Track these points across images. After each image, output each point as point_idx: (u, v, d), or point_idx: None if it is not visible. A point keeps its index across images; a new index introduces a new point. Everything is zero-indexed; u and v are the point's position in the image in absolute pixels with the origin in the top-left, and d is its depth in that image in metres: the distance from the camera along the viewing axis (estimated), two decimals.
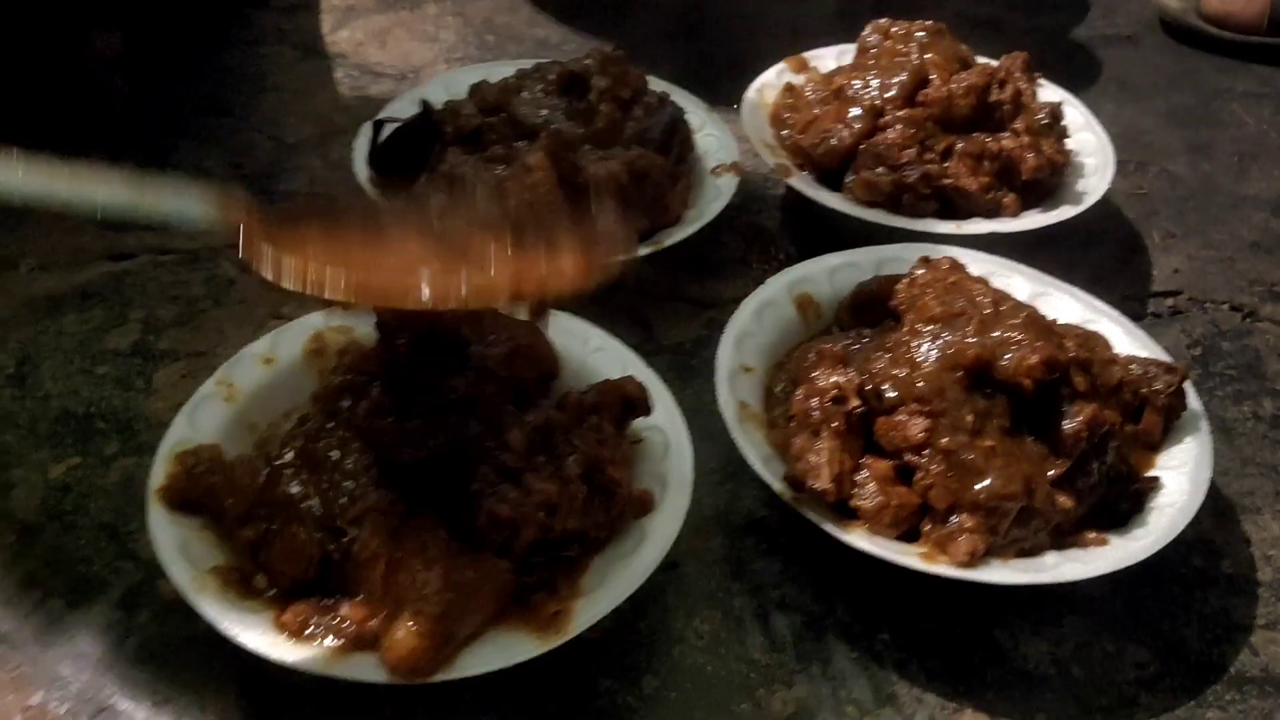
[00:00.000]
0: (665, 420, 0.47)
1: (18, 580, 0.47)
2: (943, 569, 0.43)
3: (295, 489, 0.42)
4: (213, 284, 0.61)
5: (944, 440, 0.45)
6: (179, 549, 0.41)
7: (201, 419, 0.46)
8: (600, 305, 0.57)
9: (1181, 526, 0.45)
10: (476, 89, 0.62)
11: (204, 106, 0.74)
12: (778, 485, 0.45)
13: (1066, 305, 0.54)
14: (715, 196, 0.61)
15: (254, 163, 0.70)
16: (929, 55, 0.64)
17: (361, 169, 0.60)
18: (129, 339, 0.58)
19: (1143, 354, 0.51)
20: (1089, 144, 0.66)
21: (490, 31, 0.84)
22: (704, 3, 0.90)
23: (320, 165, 0.70)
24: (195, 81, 0.76)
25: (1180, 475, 0.47)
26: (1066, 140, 0.65)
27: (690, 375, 0.54)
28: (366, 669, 0.39)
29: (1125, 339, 0.53)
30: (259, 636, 0.39)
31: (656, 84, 0.65)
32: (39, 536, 0.48)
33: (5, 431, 0.52)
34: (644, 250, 0.57)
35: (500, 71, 0.66)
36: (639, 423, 0.46)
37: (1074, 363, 0.46)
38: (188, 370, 0.56)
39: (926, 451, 0.45)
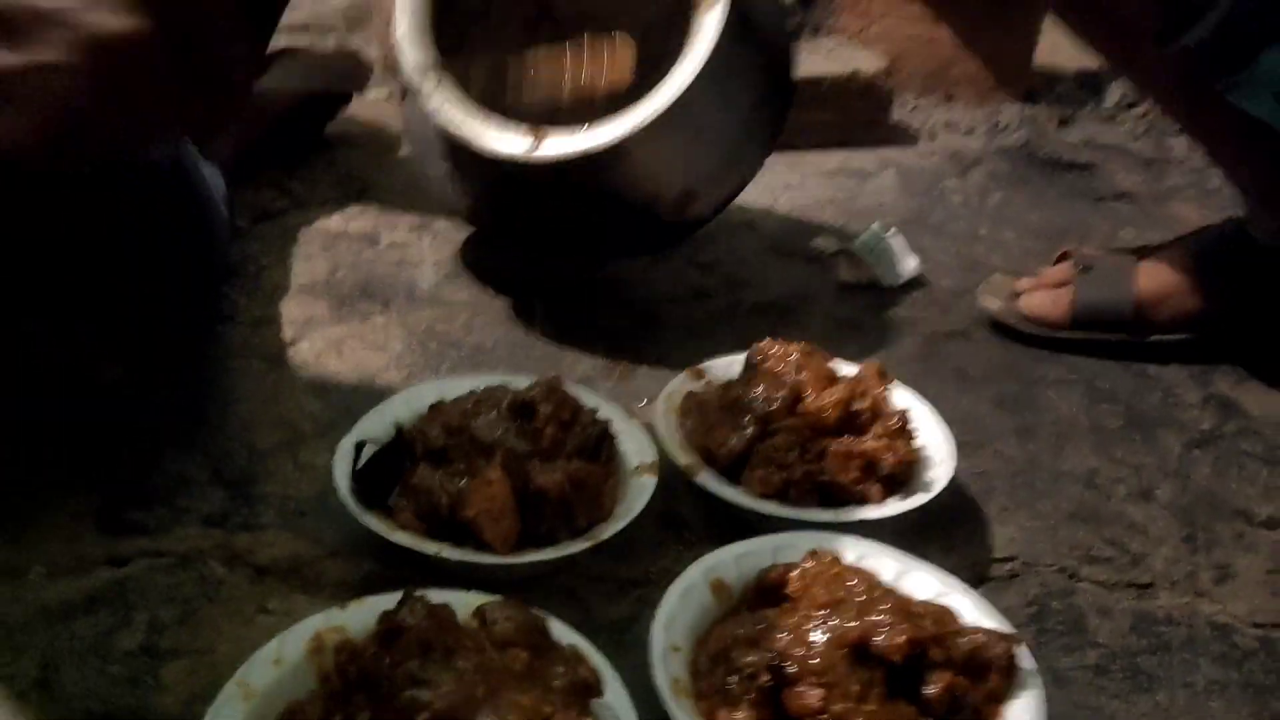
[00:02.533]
0: (615, 697, 0.58)
1: None
2: None
3: None
4: (204, 583, 0.71)
5: (836, 707, 0.56)
6: None
7: (225, 715, 0.55)
8: (545, 589, 0.68)
9: None
10: (437, 410, 0.74)
11: (182, 418, 0.85)
12: None
13: (924, 581, 0.67)
14: (639, 492, 0.74)
15: (231, 469, 0.80)
16: (803, 373, 0.79)
17: (343, 485, 0.71)
18: (136, 640, 0.66)
19: (986, 623, 0.64)
20: (935, 438, 0.82)
21: (432, 339, 0.98)
22: (609, 305, 1.06)
23: (291, 468, 0.81)
24: (174, 395, 0.87)
25: None
26: (916, 438, 0.80)
27: (625, 650, 0.64)
28: None
29: (972, 609, 0.66)
30: None
31: (587, 396, 0.79)
32: None
33: None
34: (584, 546, 0.69)
35: (454, 387, 0.79)
36: (595, 702, 0.57)
37: (931, 639, 0.59)
38: (192, 667, 0.64)
39: (824, 715, 0.57)
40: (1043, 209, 1.36)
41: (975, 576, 0.75)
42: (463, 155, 0.94)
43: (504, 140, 0.91)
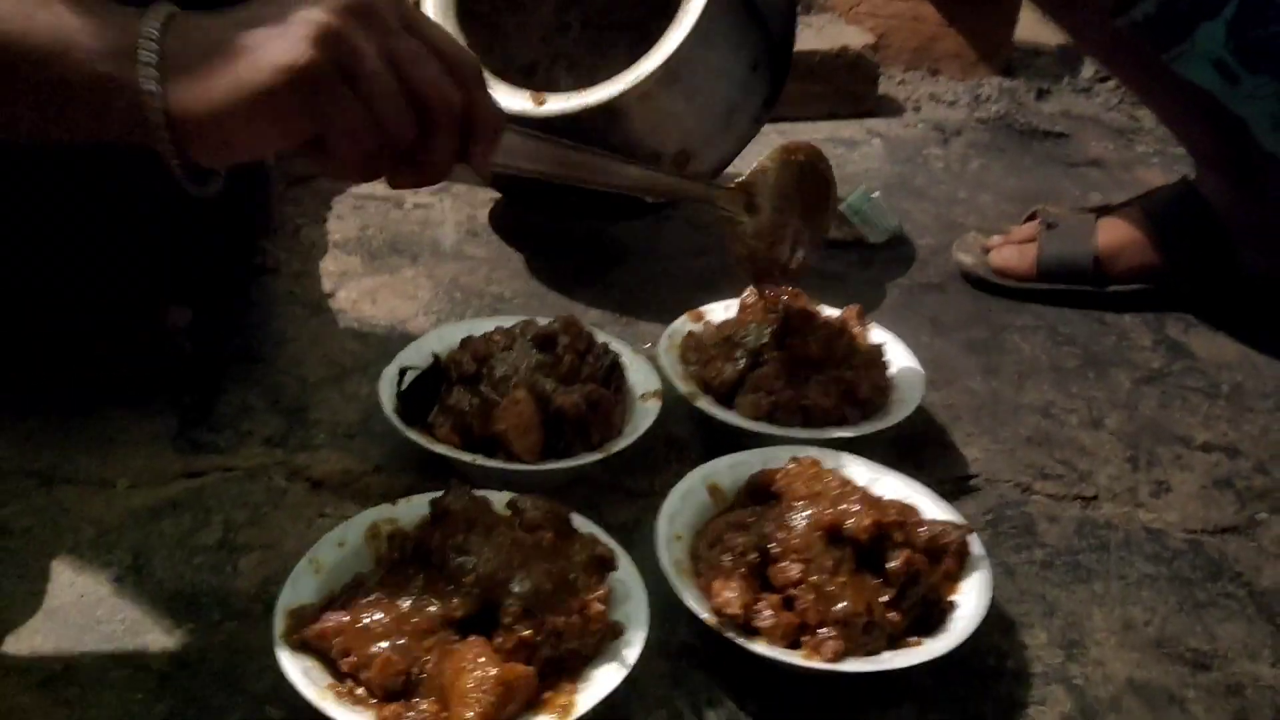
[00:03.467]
0: (626, 574, 0.68)
1: (159, 715, 0.65)
2: (818, 665, 0.65)
3: (377, 622, 0.62)
4: (269, 492, 0.81)
5: (813, 578, 0.67)
6: (303, 673, 0.60)
7: (300, 586, 0.66)
8: (564, 497, 0.78)
9: (970, 632, 0.68)
10: (468, 341, 0.85)
11: (240, 356, 0.95)
12: (705, 615, 0.67)
13: (893, 485, 0.78)
14: (645, 415, 0.84)
15: (287, 398, 0.91)
16: (790, 312, 0.90)
17: (388, 405, 0.82)
18: (214, 537, 0.76)
19: (943, 518, 0.75)
20: (907, 370, 0.92)
21: (456, 290, 1.08)
22: (617, 260, 1.16)
23: (338, 397, 0.91)
24: (231, 337, 0.97)
25: (971, 599, 0.71)
26: (891, 369, 0.91)
27: (632, 546, 0.74)
28: None
29: (933, 508, 0.76)
30: None
31: (599, 335, 0.89)
32: (171, 681, 0.66)
33: (137, 607, 0.71)
34: (597, 457, 0.80)
35: (481, 326, 0.89)
36: (611, 576, 0.68)
37: (894, 524, 0.69)
38: (263, 558, 0.75)
39: (802, 586, 0.67)
40: (1018, 175, 1.46)
41: (940, 490, 0.85)
42: None
43: (508, 99, 1.00)
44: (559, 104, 0.99)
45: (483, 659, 0.59)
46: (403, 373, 0.83)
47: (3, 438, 0.83)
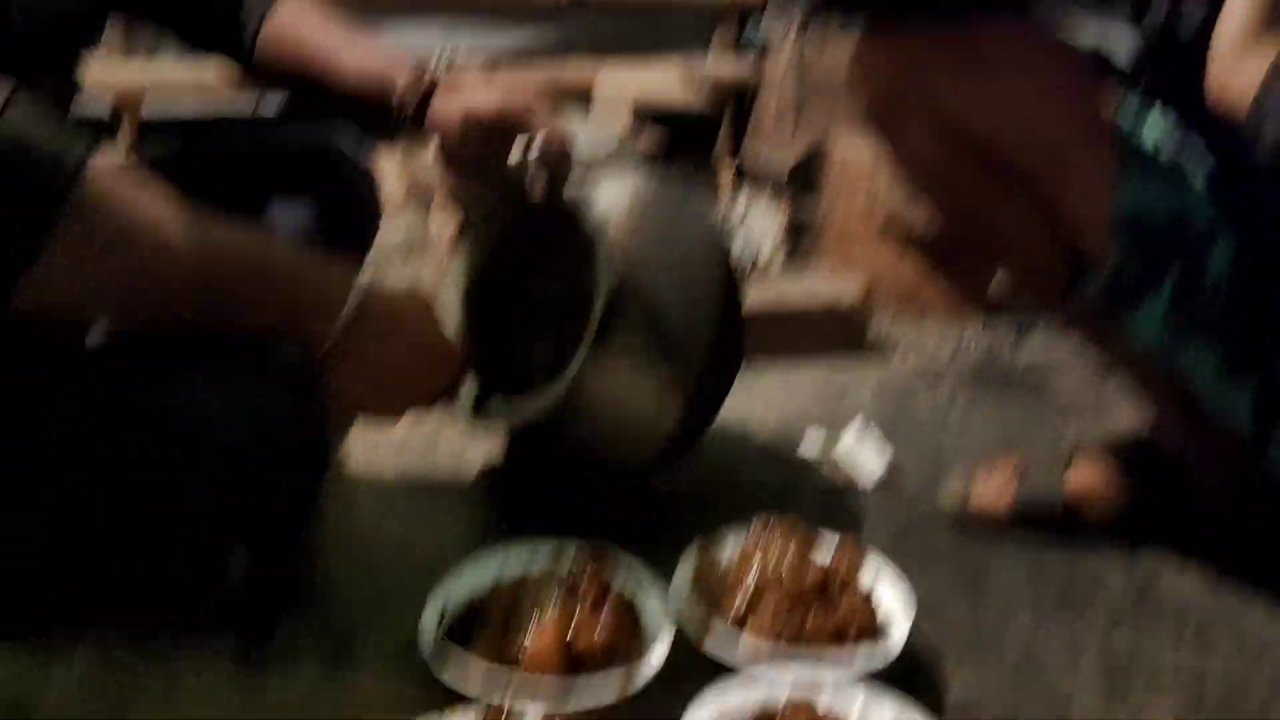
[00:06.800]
0: None
1: None
2: None
3: None
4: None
5: None
6: None
7: None
8: None
9: None
10: (502, 578, 0.96)
11: (293, 594, 1.05)
12: None
13: (885, 713, 0.87)
14: (661, 645, 0.93)
15: (335, 627, 1.00)
16: (789, 552, 1.01)
17: (426, 646, 0.92)
18: None
19: None
20: (898, 605, 1.02)
21: (487, 528, 1.20)
22: (625, 497, 1.27)
23: (381, 629, 1.01)
24: (287, 577, 1.08)
25: None
26: (883, 603, 1.01)
27: None
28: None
29: None
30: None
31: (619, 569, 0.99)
32: None
33: None
34: (617, 692, 0.89)
35: (514, 556, 1.00)
36: None
37: None
38: None
39: None
40: (999, 417, 1.59)
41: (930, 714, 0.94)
42: None
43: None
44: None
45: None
46: (442, 611, 0.93)
47: (66, 680, 0.92)
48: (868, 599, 1.00)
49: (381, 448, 1.36)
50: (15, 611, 0.95)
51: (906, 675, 0.99)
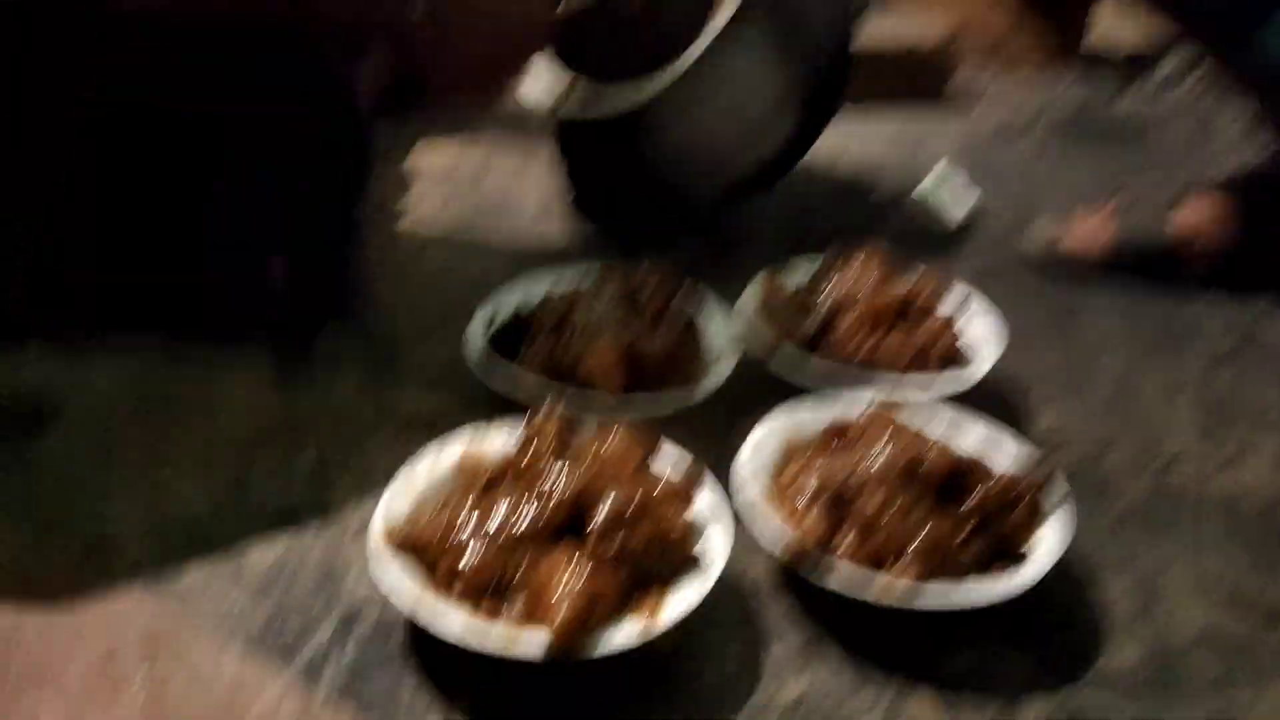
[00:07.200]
0: (708, 505, 0.71)
1: (259, 619, 0.68)
2: (893, 598, 0.66)
3: (472, 529, 0.65)
4: (361, 426, 0.85)
5: (889, 514, 0.69)
6: (399, 577, 0.63)
7: (394, 505, 0.69)
8: None
9: (1047, 572, 0.69)
10: (555, 291, 0.88)
11: (333, 312, 0.99)
12: (781, 549, 0.69)
13: (971, 428, 0.79)
14: (724, 366, 0.86)
15: (376, 349, 0.94)
16: (868, 272, 0.92)
17: (475, 353, 0.85)
18: (309, 465, 0.80)
19: (1021, 468, 0.76)
20: (984, 334, 0.93)
21: (537, 256, 1.11)
22: (705, 231, 1.19)
23: (424, 349, 0.95)
24: (325, 294, 1.01)
25: (1048, 543, 0.71)
26: (967, 331, 0.92)
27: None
28: (530, 648, 0.60)
29: (1014, 450, 0.77)
30: (458, 626, 0.60)
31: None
32: (271, 589, 0.69)
33: (238, 523, 0.74)
34: (680, 397, 0.82)
35: (565, 277, 0.92)
36: (693, 508, 0.70)
37: (972, 465, 0.71)
38: (357, 482, 0.78)
39: (878, 521, 0.69)
40: (1091, 171, 1.46)
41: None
42: None
43: (539, 91, 1.02)
44: (580, 104, 1.01)
45: (573, 566, 0.62)
46: (490, 321, 0.86)
47: (112, 364, 0.88)
48: (950, 324, 0.91)
49: (431, 171, 1.28)
50: (48, 309, 0.90)
51: (990, 405, 0.92)
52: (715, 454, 0.82)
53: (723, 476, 0.74)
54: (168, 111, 0.85)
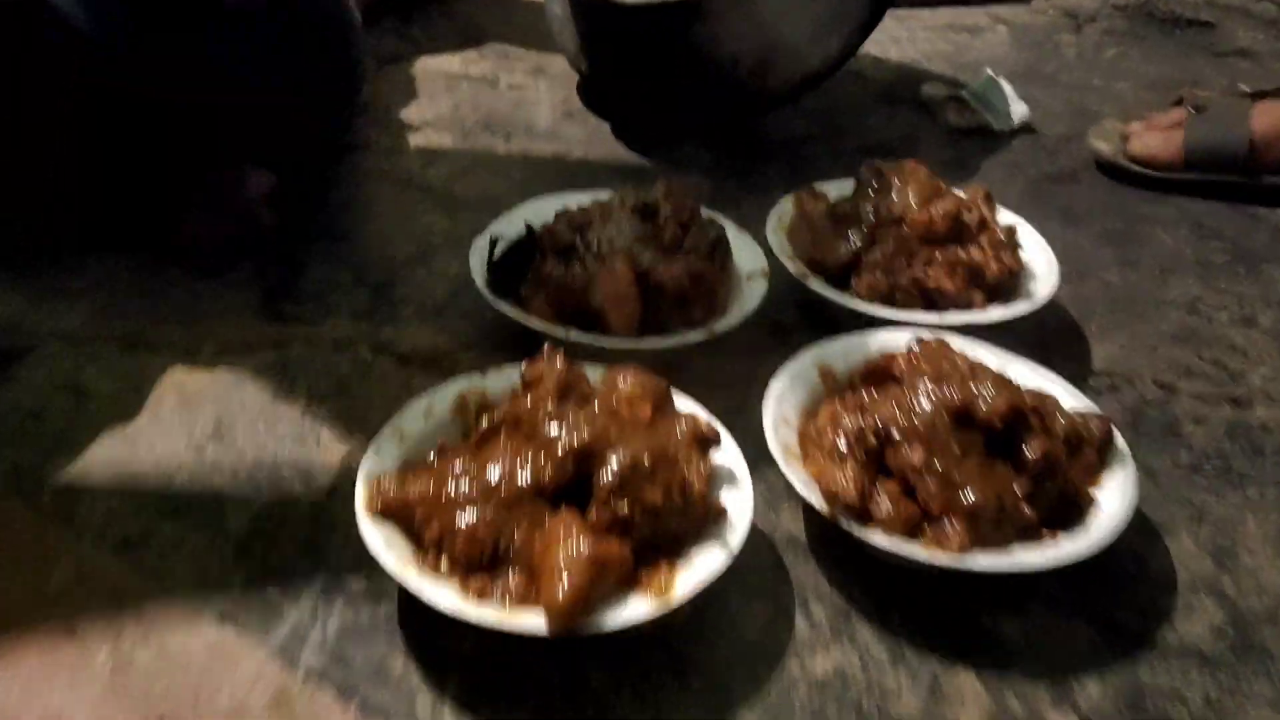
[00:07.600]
0: (729, 455, 0.63)
1: (237, 583, 0.62)
2: (940, 560, 0.59)
3: (464, 492, 0.58)
4: (355, 365, 0.78)
5: (938, 464, 0.61)
6: (385, 544, 0.56)
7: (384, 455, 0.62)
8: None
9: (1115, 533, 0.61)
10: (564, 212, 0.80)
11: (327, 232, 0.91)
12: (816, 501, 0.61)
13: (1025, 373, 0.71)
14: (751, 294, 0.78)
15: (374, 274, 0.86)
16: (911, 187, 0.82)
17: (479, 276, 0.77)
18: (298, 407, 0.73)
19: (1083, 407, 0.68)
20: (1039, 257, 0.84)
21: (552, 167, 1.03)
22: (716, 144, 1.09)
23: (427, 274, 0.87)
24: (317, 213, 0.93)
25: (1112, 498, 0.63)
26: (1021, 253, 0.83)
27: (735, 432, 0.69)
28: (531, 624, 0.53)
29: (1069, 399, 0.69)
30: (450, 600, 0.54)
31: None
32: (249, 550, 0.63)
33: (218, 475, 0.68)
34: (700, 335, 0.74)
35: (577, 199, 0.83)
36: (713, 457, 0.62)
37: (1030, 409, 0.62)
38: (347, 430, 0.72)
39: (925, 472, 0.61)
40: (1158, 63, 1.34)
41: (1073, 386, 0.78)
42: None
43: None
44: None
45: (575, 533, 0.55)
46: (494, 243, 0.78)
47: (85, 303, 0.81)
48: (1006, 244, 0.82)
49: (432, 78, 1.18)
50: (17, 242, 0.83)
51: (1046, 337, 0.83)
52: (740, 397, 0.75)
53: (748, 423, 0.67)
54: (144, 22, 0.77)
